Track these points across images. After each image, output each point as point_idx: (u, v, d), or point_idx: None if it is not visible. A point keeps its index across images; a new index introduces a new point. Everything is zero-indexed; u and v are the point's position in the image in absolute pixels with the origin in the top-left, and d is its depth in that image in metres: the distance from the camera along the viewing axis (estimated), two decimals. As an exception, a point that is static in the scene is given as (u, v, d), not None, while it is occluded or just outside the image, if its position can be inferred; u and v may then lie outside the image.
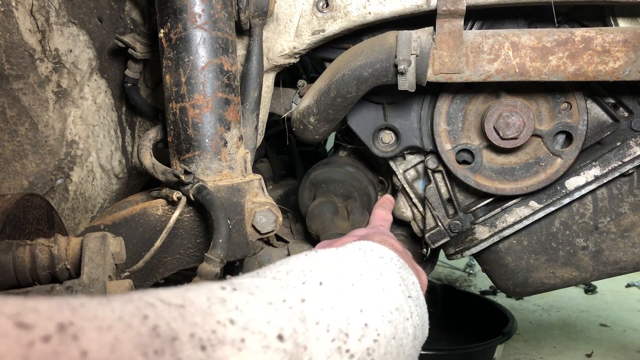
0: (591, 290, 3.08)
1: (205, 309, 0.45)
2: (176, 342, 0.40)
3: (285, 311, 0.53)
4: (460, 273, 3.46)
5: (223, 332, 0.44)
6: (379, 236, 0.85)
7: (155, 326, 0.39)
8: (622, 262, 1.24)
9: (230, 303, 0.49)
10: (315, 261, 0.67)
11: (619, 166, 1.16)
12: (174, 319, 0.41)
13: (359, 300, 0.62)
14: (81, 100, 1.15)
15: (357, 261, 0.71)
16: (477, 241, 1.24)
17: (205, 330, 0.43)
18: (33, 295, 0.78)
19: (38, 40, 1.05)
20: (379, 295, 0.66)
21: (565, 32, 1.03)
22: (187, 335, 0.41)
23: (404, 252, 0.83)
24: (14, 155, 1.08)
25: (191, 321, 0.42)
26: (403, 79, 1.03)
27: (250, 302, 0.51)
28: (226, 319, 0.46)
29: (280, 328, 0.50)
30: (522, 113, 1.11)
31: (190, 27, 0.95)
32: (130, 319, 0.38)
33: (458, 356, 2.10)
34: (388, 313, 0.65)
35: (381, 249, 0.78)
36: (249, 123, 1.09)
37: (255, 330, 0.48)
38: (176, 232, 0.98)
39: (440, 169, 1.23)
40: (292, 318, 0.53)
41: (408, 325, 0.68)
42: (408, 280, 0.75)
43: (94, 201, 1.22)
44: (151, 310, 0.40)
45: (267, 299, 0.53)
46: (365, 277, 0.67)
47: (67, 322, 0.34)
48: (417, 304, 0.74)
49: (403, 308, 0.68)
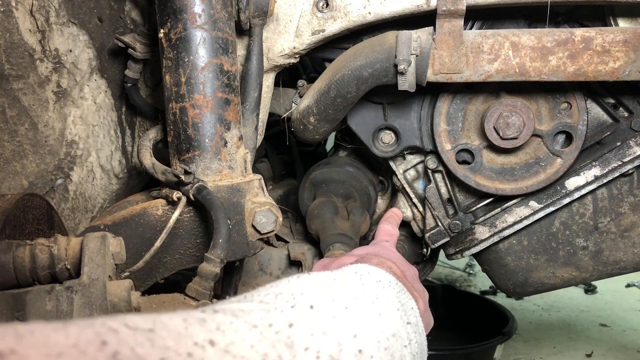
0: (591, 290, 3.08)
1: (180, 330, 0.43)
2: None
3: (271, 336, 0.50)
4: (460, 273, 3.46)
5: (201, 355, 0.42)
6: (376, 259, 0.81)
7: (115, 352, 0.36)
8: (622, 262, 1.24)
9: (211, 323, 0.46)
10: (306, 284, 0.64)
11: (619, 166, 1.16)
12: (140, 344, 0.39)
13: (353, 325, 0.59)
14: (81, 100, 1.15)
15: (352, 284, 0.67)
16: (477, 241, 1.24)
17: (179, 354, 0.40)
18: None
19: (38, 40, 1.05)
20: (374, 320, 0.62)
21: (565, 32, 1.03)
22: (156, 358, 0.39)
23: (402, 276, 0.80)
24: (14, 155, 1.08)
25: (161, 345, 0.40)
26: (403, 79, 1.03)
27: (234, 324, 0.48)
28: (205, 340, 0.43)
29: (265, 354, 0.47)
30: (522, 113, 1.11)
31: (190, 27, 0.95)
32: (86, 346, 0.36)
33: (458, 356, 2.10)
34: (384, 339, 0.61)
35: (378, 272, 0.74)
36: (249, 123, 1.09)
37: (237, 354, 0.44)
38: (176, 232, 0.98)
39: (440, 169, 1.23)
40: (277, 344, 0.49)
41: (406, 353, 0.65)
42: (407, 306, 0.72)
43: (94, 201, 1.22)
44: (113, 336, 0.38)
45: (252, 322, 0.50)
46: (360, 300, 0.64)
47: (7, 351, 0.32)
48: (416, 331, 0.70)
49: (401, 334, 0.65)
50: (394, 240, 1.11)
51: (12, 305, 0.77)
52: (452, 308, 2.59)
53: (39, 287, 0.81)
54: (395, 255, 0.91)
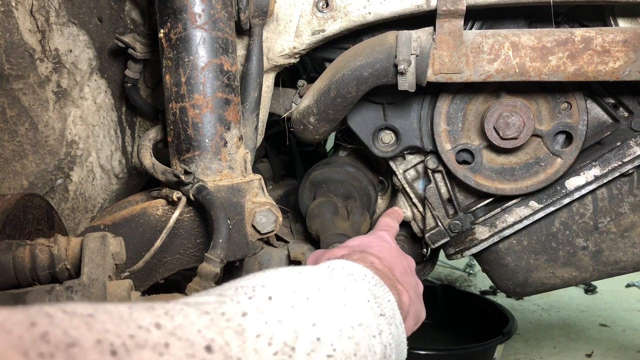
0: (591, 290, 3.08)
1: (123, 315, 0.44)
2: (73, 348, 0.38)
3: (221, 323, 0.51)
4: (460, 273, 3.46)
5: (144, 337, 0.43)
6: (359, 254, 0.82)
7: (44, 333, 0.37)
8: (622, 262, 1.24)
9: (160, 310, 0.47)
10: (269, 277, 0.65)
11: (619, 166, 1.16)
12: (74, 326, 0.40)
13: (312, 314, 0.60)
14: (81, 100, 1.15)
15: (317, 276, 0.68)
16: (477, 241, 1.24)
17: (119, 336, 0.41)
18: None
19: (38, 40, 1.05)
20: (338, 309, 0.63)
21: (565, 32, 1.03)
22: (90, 341, 0.39)
23: (384, 270, 0.80)
24: (14, 155, 1.08)
25: (100, 328, 0.41)
26: (403, 79, 1.03)
27: (184, 310, 0.49)
28: (151, 323, 0.44)
29: (211, 339, 0.48)
30: (522, 113, 1.11)
31: (190, 27, 0.95)
32: (12, 326, 0.37)
33: (458, 356, 2.10)
34: (348, 328, 0.62)
35: (353, 266, 0.75)
36: (249, 123, 1.09)
37: (182, 337, 0.46)
38: (176, 232, 0.98)
39: (440, 169, 1.23)
40: (226, 331, 0.51)
41: (375, 342, 0.65)
42: (382, 298, 0.72)
43: (94, 201, 1.22)
44: (45, 319, 0.39)
45: (204, 310, 0.51)
46: (323, 291, 0.65)
47: None
48: (391, 323, 0.71)
49: (369, 324, 0.66)
50: (393, 232, 1.11)
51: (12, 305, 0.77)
52: (452, 308, 2.59)
53: (39, 287, 0.81)
54: (386, 248, 0.90)
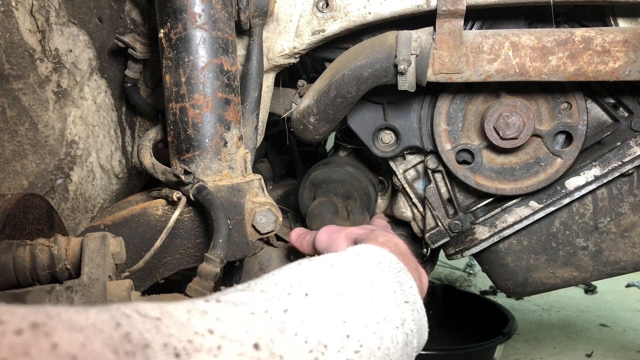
0: (591, 290, 3.08)
1: (183, 321, 0.48)
2: (148, 349, 0.42)
3: (266, 321, 0.54)
4: (460, 273, 3.46)
5: (200, 342, 0.47)
6: (383, 236, 0.84)
7: (127, 333, 0.42)
8: (622, 262, 1.24)
9: (212, 315, 0.51)
10: (305, 271, 0.68)
11: (619, 166, 1.16)
12: (147, 329, 0.44)
13: (343, 312, 0.63)
14: (81, 100, 1.15)
15: (348, 270, 0.71)
16: (477, 241, 1.24)
17: (180, 340, 0.45)
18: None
19: (38, 40, 1.05)
20: (365, 305, 0.66)
21: (565, 32, 1.03)
22: (159, 344, 0.43)
23: (407, 254, 0.83)
24: (14, 155, 1.08)
25: (166, 332, 0.45)
26: (403, 79, 1.03)
27: (233, 313, 0.53)
28: (205, 329, 0.48)
29: (258, 337, 0.52)
30: (522, 113, 1.11)
31: (190, 27, 0.95)
32: (103, 325, 0.40)
33: (458, 356, 2.10)
34: (374, 324, 0.65)
35: (380, 253, 0.77)
36: (249, 123, 1.09)
37: (232, 338, 0.49)
38: (176, 232, 0.98)
39: (440, 169, 1.23)
40: (270, 328, 0.54)
41: (398, 333, 0.68)
42: (405, 285, 0.75)
43: (94, 201, 1.22)
44: (125, 320, 0.43)
45: (250, 310, 0.55)
46: (353, 287, 0.68)
47: (40, 322, 0.36)
48: (414, 309, 0.74)
49: (392, 316, 0.69)
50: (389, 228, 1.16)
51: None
52: (452, 308, 2.58)
53: (39, 287, 0.81)
54: None
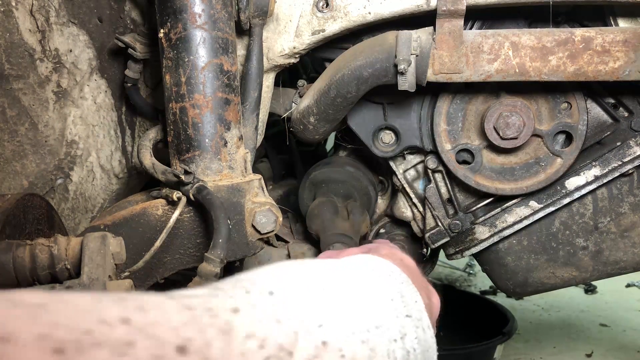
0: (591, 290, 3.07)
1: (84, 306, 0.37)
2: (6, 344, 0.32)
3: (205, 320, 0.43)
4: (460, 273, 3.46)
5: (105, 333, 0.36)
6: (387, 250, 0.74)
7: None
8: (622, 262, 1.24)
9: (133, 302, 0.40)
10: (276, 270, 0.56)
11: (619, 166, 1.16)
12: (17, 317, 0.34)
13: (320, 314, 0.51)
14: (81, 100, 1.15)
15: (335, 272, 0.59)
16: (477, 241, 1.24)
17: (71, 330, 0.34)
18: None
19: (38, 40, 1.05)
20: (352, 309, 0.54)
21: (565, 32, 1.03)
22: (31, 336, 0.33)
23: (414, 270, 0.72)
24: (14, 155, 1.08)
25: (47, 320, 0.34)
26: (403, 79, 1.03)
27: (165, 304, 0.42)
28: (118, 317, 0.37)
29: (188, 338, 0.40)
30: (522, 113, 1.11)
31: (190, 27, 0.95)
32: None
33: (458, 356, 2.10)
34: (363, 331, 0.53)
35: (379, 262, 0.67)
36: (249, 123, 1.09)
37: (152, 334, 0.38)
38: (176, 232, 0.98)
39: (440, 169, 1.23)
40: (209, 329, 0.42)
41: (396, 347, 0.57)
42: (408, 298, 0.65)
43: (94, 201, 1.22)
44: None
45: (189, 304, 0.43)
46: (337, 288, 0.56)
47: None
48: (418, 326, 0.63)
49: (389, 327, 0.57)
50: None
51: None
52: (452, 308, 2.57)
53: (39, 287, 0.81)
54: None
